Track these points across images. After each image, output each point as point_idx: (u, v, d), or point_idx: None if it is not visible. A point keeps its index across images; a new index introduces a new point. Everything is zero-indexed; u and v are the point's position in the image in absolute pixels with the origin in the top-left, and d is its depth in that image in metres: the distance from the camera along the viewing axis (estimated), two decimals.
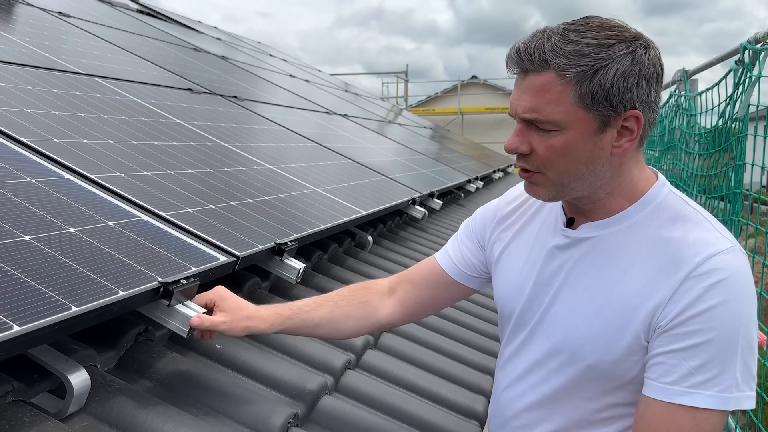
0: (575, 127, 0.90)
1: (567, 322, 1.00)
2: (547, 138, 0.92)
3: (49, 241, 1.14)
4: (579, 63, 0.88)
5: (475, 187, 5.23)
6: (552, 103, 0.89)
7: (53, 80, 2.30)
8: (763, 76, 2.18)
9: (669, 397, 0.90)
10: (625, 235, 0.97)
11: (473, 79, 19.48)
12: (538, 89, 0.90)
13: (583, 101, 0.89)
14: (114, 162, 1.71)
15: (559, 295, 1.02)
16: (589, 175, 0.94)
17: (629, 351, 0.95)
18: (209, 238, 1.48)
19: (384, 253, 2.64)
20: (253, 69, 5.83)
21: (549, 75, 0.89)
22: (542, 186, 0.97)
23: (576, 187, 0.96)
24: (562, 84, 0.89)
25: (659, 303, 0.91)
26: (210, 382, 1.22)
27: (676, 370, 0.89)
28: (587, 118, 0.90)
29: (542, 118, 0.91)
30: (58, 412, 1.00)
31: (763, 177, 2.49)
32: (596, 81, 0.88)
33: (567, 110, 0.89)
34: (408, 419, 1.44)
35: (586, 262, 1.00)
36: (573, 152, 0.92)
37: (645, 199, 0.98)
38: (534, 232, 1.11)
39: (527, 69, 0.91)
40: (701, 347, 0.88)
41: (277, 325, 1.19)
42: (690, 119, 3.47)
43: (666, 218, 0.96)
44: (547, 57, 0.89)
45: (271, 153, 2.73)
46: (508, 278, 1.12)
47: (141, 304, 1.15)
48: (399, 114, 9.23)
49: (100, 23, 4.32)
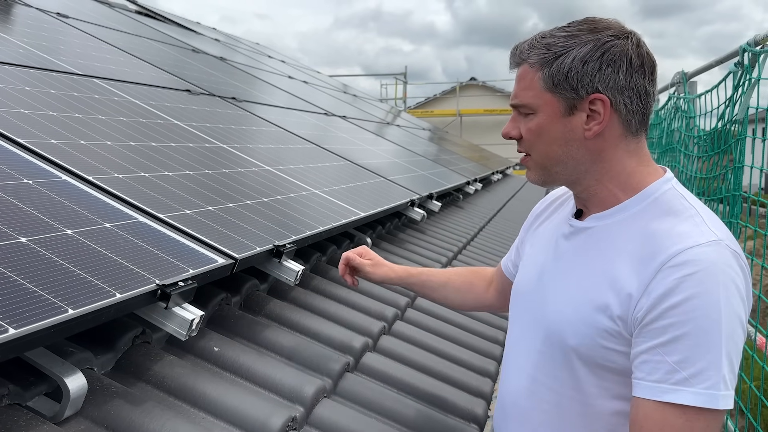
0: (544, 109, 1.02)
1: (555, 307, 1.05)
2: (527, 121, 1.04)
3: (45, 243, 1.13)
4: (545, 52, 1.00)
5: (474, 188, 5.22)
6: (526, 89, 1.03)
7: (51, 81, 2.29)
8: (762, 79, 2.18)
9: (656, 395, 0.90)
10: (618, 227, 1.01)
11: (472, 80, 19.50)
12: (518, 79, 1.05)
13: (547, 85, 1.00)
14: (111, 163, 1.71)
15: (554, 283, 1.07)
16: (566, 157, 1.03)
17: (608, 336, 0.96)
18: (207, 240, 1.47)
19: (383, 255, 2.63)
20: (252, 70, 5.83)
21: (524, 66, 1.03)
22: (531, 169, 1.08)
23: (559, 171, 1.04)
24: (532, 71, 1.02)
25: (635, 292, 0.93)
26: (207, 385, 1.21)
27: (660, 367, 0.90)
28: (553, 101, 1.00)
29: (519, 102, 1.04)
30: (54, 415, 0.99)
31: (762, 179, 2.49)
32: (555, 66, 0.99)
33: (536, 94, 1.01)
34: (407, 423, 1.43)
35: (581, 251, 1.05)
36: (546, 133, 1.02)
37: (643, 194, 1.01)
38: (552, 225, 1.17)
39: (514, 63, 1.06)
40: (680, 341, 0.88)
41: (404, 278, 1.49)
42: (689, 121, 3.47)
43: (659, 212, 0.98)
44: (522, 51, 1.04)
45: (269, 154, 2.72)
46: (524, 269, 1.20)
47: (138, 307, 1.14)
48: (398, 115, 9.23)
49: (99, 24, 4.31)
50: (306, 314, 1.73)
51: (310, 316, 1.72)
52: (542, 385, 1.06)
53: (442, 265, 2.84)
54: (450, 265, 2.97)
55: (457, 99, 18.71)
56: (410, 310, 2.16)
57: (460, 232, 3.68)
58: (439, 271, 1.51)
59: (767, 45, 2.19)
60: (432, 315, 2.19)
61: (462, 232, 3.69)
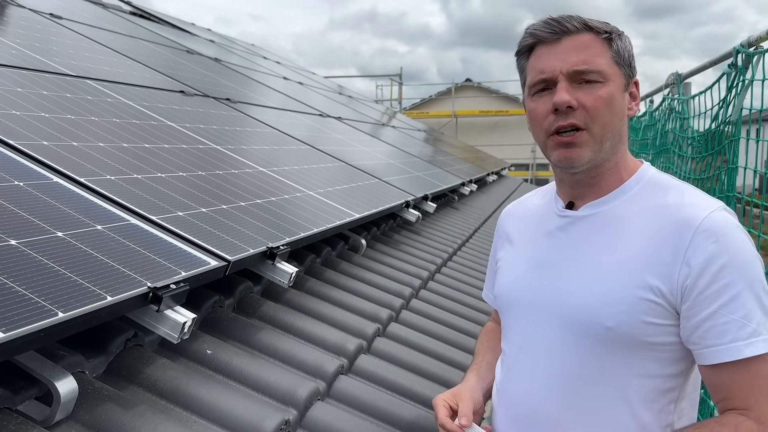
0: (615, 80, 1.02)
1: (581, 293, 1.02)
2: (593, 90, 1.01)
3: (36, 245, 1.12)
4: (607, 27, 1.03)
5: (469, 190, 5.22)
6: (598, 56, 1.01)
7: (43, 82, 2.28)
8: (756, 80, 2.18)
9: (737, 355, 0.92)
10: (623, 208, 1.04)
11: (467, 82, 19.52)
12: (582, 46, 1.01)
13: (616, 57, 1.03)
14: (104, 165, 1.70)
15: (567, 272, 1.05)
16: (619, 132, 1.04)
17: (649, 310, 0.97)
18: (200, 242, 1.46)
19: (378, 257, 2.62)
20: (247, 71, 5.82)
21: (588, 35, 1.02)
22: (585, 146, 1.02)
23: (608, 147, 1.03)
24: (601, 41, 1.02)
25: (672, 262, 0.96)
26: (200, 388, 1.20)
27: (729, 328, 0.93)
28: (619, 74, 1.03)
29: (593, 68, 1.00)
30: (45, 419, 0.99)
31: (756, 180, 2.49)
32: (620, 43, 1.03)
33: (608, 63, 1.02)
34: (401, 425, 1.43)
35: (592, 237, 1.05)
36: (615, 103, 1.02)
37: (637, 176, 1.07)
38: (530, 227, 1.17)
39: (566, 32, 1.02)
40: (739, 297, 0.93)
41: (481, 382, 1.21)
42: (683, 122, 3.48)
43: (657, 189, 1.05)
44: (584, 21, 1.02)
45: (263, 156, 2.71)
46: (507, 271, 1.17)
47: (130, 310, 1.13)
48: (393, 117, 9.23)
49: (92, 25, 4.29)
50: (300, 316, 1.72)
51: (304, 318, 1.72)
52: (570, 377, 1.02)
53: (437, 267, 2.84)
54: (445, 266, 2.97)
55: (453, 100, 18.73)
56: (405, 312, 2.15)
57: (455, 233, 3.67)
58: (486, 351, 1.30)
59: (761, 46, 2.19)
60: (426, 317, 2.18)
61: (457, 233, 3.69)
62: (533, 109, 1.05)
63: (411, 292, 2.32)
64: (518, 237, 1.19)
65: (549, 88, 1.02)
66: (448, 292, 2.58)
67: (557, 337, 1.04)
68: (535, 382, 1.06)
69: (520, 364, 1.10)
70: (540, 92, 1.04)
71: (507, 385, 1.12)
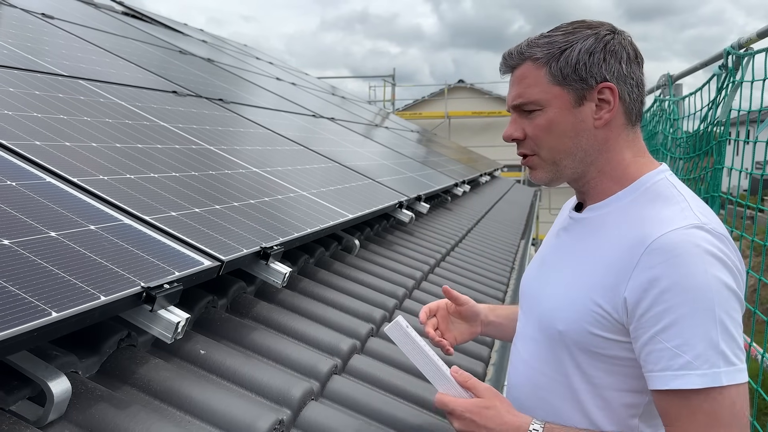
0: (554, 103, 1.03)
1: (548, 294, 1.08)
2: (533, 119, 1.05)
3: (29, 245, 1.12)
4: (548, 49, 1.03)
5: (462, 190, 5.24)
6: (531, 86, 1.04)
7: (35, 82, 2.27)
8: (745, 81, 2.20)
9: (666, 384, 0.90)
10: (612, 216, 1.04)
11: (460, 83, 19.55)
12: (519, 78, 1.06)
13: (555, 78, 1.03)
14: (97, 165, 1.69)
15: (551, 271, 1.12)
16: (576, 149, 1.04)
17: (594, 322, 0.98)
18: (193, 242, 1.46)
19: (371, 257, 2.63)
20: (239, 71, 5.81)
21: (526, 64, 1.05)
22: (539, 168, 1.08)
23: (568, 164, 1.06)
24: (536, 68, 1.04)
25: (620, 279, 0.95)
26: (194, 388, 1.20)
27: (663, 355, 0.90)
28: (563, 93, 1.03)
29: (525, 101, 1.05)
30: (38, 419, 0.98)
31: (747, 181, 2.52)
32: (563, 59, 1.02)
33: (544, 89, 1.03)
34: (395, 424, 1.43)
35: (578, 241, 1.09)
36: (557, 127, 1.04)
37: (636, 184, 1.05)
38: (558, 222, 1.23)
39: (511, 66, 1.07)
40: (676, 325, 0.89)
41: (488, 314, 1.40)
42: (673, 123, 3.51)
43: (652, 199, 1.01)
44: (522, 51, 1.06)
45: (256, 156, 2.71)
46: (530, 265, 1.25)
47: (123, 310, 1.13)
48: (386, 117, 9.24)
49: (84, 25, 4.27)
50: (293, 316, 1.72)
51: (297, 318, 1.72)
52: (536, 372, 1.09)
53: (430, 267, 2.85)
54: (438, 267, 2.98)
55: (446, 101, 18.76)
56: (398, 312, 2.16)
57: (448, 233, 3.68)
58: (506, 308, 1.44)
59: (751, 48, 2.21)
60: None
61: (450, 233, 3.70)
62: None
63: (404, 293, 2.33)
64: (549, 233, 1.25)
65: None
66: (441, 292, 2.58)
67: (531, 333, 1.12)
68: (518, 369, 1.15)
69: (513, 351, 1.20)
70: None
71: (509, 368, 1.23)
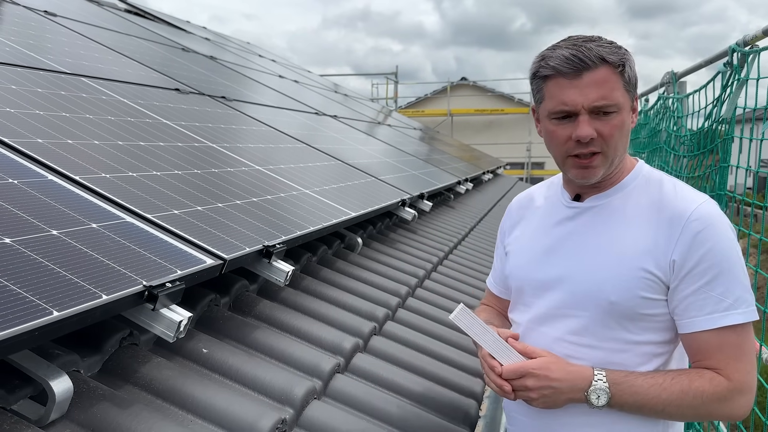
0: (625, 106, 1.15)
1: (589, 272, 1.20)
2: (609, 120, 1.14)
3: (30, 243, 1.11)
4: (619, 57, 1.13)
5: (464, 188, 5.23)
6: (614, 89, 1.13)
7: (38, 80, 2.26)
8: (750, 78, 2.19)
9: (713, 324, 1.12)
10: (623, 200, 1.22)
11: (462, 80, 19.52)
12: (600, 82, 1.12)
13: (627, 85, 1.15)
14: (99, 163, 1.69)
15: (576, 254, 1.22)
16: (624, 148, 1.20)
17: (644, 286, 1.15)
18: (195, 240, 1.46)
19: (374, 255, 2.62)
20: (242, 69, 5.80)
21: (604, 69, 1.12)
22: (600, 166, 1.17)
23: (616, 161, 1.19)
24: (614, 73, 1.13)
25: (666, 247, 1.14)
26: (196, 387, 1.20)
27: (708, 302, 1.12)
28: (627, 99, 1.16)
29: (611, 102, 1.13)
30: (40, 419, 0.98)
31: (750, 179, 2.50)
32: (628, 69, 1.15)
33: (622, 93, 1.14)
34: (398, 423, 1.43)
35: (596, 225, 1.22)
36: (625, 127, 1.17)
37: (633, 174, 1.24)
38: (538, 218, 1.33)
39: (586, 67, 1.11)
40: (718, 278, 1.12)
41: None
42: (677, 121, 3.49)
43: (653, 184, 1.22)
44: (602, 55, 1.12)
45: (259, 154, 2.71)
46: (520, 255, 1.33)
47: (125, 309, 1.13)
48: (388, 115, 9.22)
49: (87, 22, 4.27)
50: (296, 315, 1.72)
51: (300, 316, 1.71)
52: (575, 345, 1.21)
53: (433, 265, 2.84)
54: (441, 265, 2.97)
55: (448, 99, 18.73)
56: (401, 311, 2.15)
57: (451, 231, 3.68)
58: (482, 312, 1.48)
59: (756, 45, 2.20)
60: (423, 315, 2.18)
61: (453, 231, 3.69)
62: (553, 132, 1.18)
63: (407, 291, 2.32)
64: (528, 225, 1.35)
65: (569, 117, 1.15)
66: (444, 290, 2.58)
67: (564, 310, 1.22)
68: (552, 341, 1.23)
69: (532, 332, 1.27)
70: (560, 119, 1.16)
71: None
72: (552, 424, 1.23)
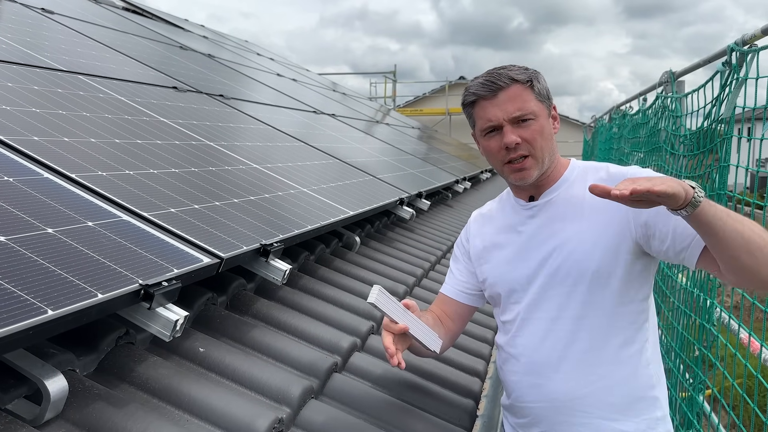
0: (541, 113, 1.35)
1: (567, 250, 1.34)
2: (529, 126, 1.33)
3: (25, 242, 1.11)
4: (526, 75, 1.35)
5: (462, 187, 5.22)
6: (527, 101, 1.34)
7: (34, 77, 2.25)
8: (749, 78, 2.18)
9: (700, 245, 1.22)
10: (570, 189, 1.39)
11: (461, 79, 19.51)
12: (513, 97, 1.33)
13: (538, 96, 1.36)
14: (95, 161, 1.68)
15: (550, 241, 1.37)
16: (551, 149, 1.38)
17: (618, 247, 1.30)
18: (192, 238, 1.45)
19: (371, 254, 2.62)
20: (240, 67, 5.79)
21: (516, 86, 1.34)
22: (532, 167, 1.35)
23: (546, 162, 1.37)
24: (526, 89, 1.35)
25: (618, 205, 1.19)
26: (192, 387, 1.19)
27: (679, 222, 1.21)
28: (543, 108, 1.36)
29: (526, 112, 1.33)
30: (35, 418, 0.97)
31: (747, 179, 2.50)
32: (536, 83, 1.36)
33: (535, 104, 1.35)
34: (395, 423, 1.42)
35: (557, 213, 1.38)
36: (545, 131, 1.35)
37: (571, 169, 1.43)
38: (500, 228, 1.48)
39: (500, 88, 1.33)
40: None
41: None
42: (676, 120, 3.48)
43: (591, 171, 1.41)
44: (511, 76, 1.34)
45: (257, 152, 2.70)
46: (499, 264, 1.45)
47: (121, 307, 1.12)
48: (387, 114, 9.21)
49: (85, 20, 4.26)
50: (293, 314, 1.71)
51: (297, 315, 1.71)
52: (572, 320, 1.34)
53: (431, 264, 2.84)
54: (439, 264, 2.97)
55: (446, 98, 18.72)
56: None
57: (448, 230, 3.67)
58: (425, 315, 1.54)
59: (755, 45, 2.19)
60: None
61: (451, 230, 3.69)
62: (488, 146, 1.37)
63: (405, 290, 2.32)
64: (492, 237, 1.49)
65: (496, 130, 1.35)
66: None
67: (551, 292, 1.36)
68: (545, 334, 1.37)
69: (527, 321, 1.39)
70: (489, 133, 1.36)
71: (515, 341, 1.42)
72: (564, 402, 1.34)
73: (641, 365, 1.35)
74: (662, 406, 1.37)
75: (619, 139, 6.06)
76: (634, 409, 1.34)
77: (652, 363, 1.37)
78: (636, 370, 1.34)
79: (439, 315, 1.56)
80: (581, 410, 1.34)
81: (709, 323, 2.37)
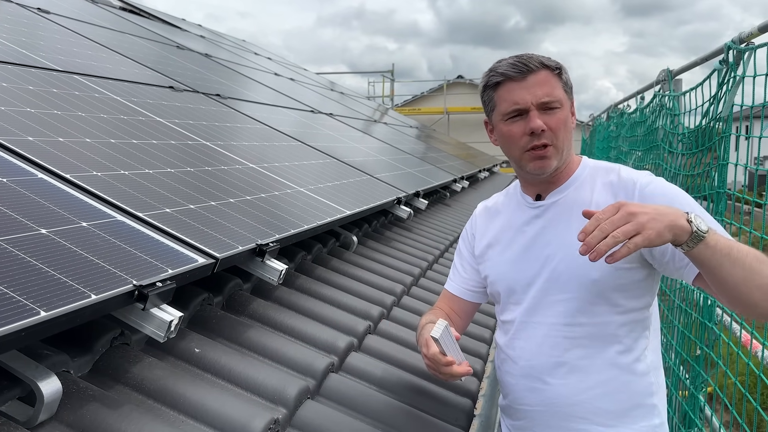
0: (566, 104, 1.32)
1: (568, 257, 1.30)
2: (554, 114, 1.29)
3: (18, 242, 1.10)
4: (556, 63, 1.33)
5: (460, 186, 5.22)
6: (556, 88, 1.30)
7: (29, 77, 2.24)
8: (747, 76, 2.18)
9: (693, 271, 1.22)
10: (579, 190, 1.36)
11: (459, 78, 19.50)
12: (543, 81, 1.29)
13: (565, 87, 1.33)
14: (90, 161, 1.67)
15: (553, 244, 1.34)
16: (569, 143, 1.34)
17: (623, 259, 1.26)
18: (188, 239, 1.44)
19: (369, 254, 2.61)
20: (237, 67, 5.78)
21: (545, 72, 1.30)
22: (552, 157, 1.31)
23: (566, 153, 1.34)
24: (555, 76, 1.31)
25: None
26: (188, 388, 1.18)
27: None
28: (567, 99, 1.33)
29: (555, 98, 1.29)
30: (28, 420, 0.97)
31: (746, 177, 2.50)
32: (564, 73, 1.34)
33: (562, 92, 1.32)
34: (392, 423, 1.41)
35: (563, 215, 1.35)
36: (568, 122, 1.32)
37: (581, 168, 1.39)
38: (505, 224, 1.45)
39: (530, 71, 1.28)
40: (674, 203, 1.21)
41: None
42: (674, 119, 3.48)
43: (601, 172, 1.38)
44: (541, 61, 1.30)
45: (254, 152, 2.69)
46: (501, 262, 1.43)
47: (114, 308, 1.11)
48: (385, 113, 9.21)
49: (81, 20, 4.24)
50: (290, 314, 1.70)
51: (294, 315, 1.70)
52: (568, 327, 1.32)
53: (429, 263, 2.83)
54: (436, 263, 2.96)
55: (444, 97, 18.71)
56: (396, 309, 2.14)
57: (446, 230, 3.67)
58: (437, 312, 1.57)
59: (752, 43, 2.19)
60: (418, 314, 2.17)
61: (449, 230, 3.68)
62: (509, 131, 1.32)
63: (402, 289, 2.31)
64: (496, 233, 1.46)
65: (521, 115, 1.30)
66: (440, 289, 2.57)
67: (551, 298, 1.34)
68: (541, 340, 1.35)
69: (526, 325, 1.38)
70: (513, 118, 1.31)
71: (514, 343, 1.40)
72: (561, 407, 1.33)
73: (640, 373, 1.33)
74: (660, 414, 1.36)
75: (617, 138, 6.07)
76: (631, 416, 1.32)
77: (652, 371, 1.35)
78: (635, 378, 1.33)
79: (447, 313, 1.55)
80: (578, 416, 1.33)
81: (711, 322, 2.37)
